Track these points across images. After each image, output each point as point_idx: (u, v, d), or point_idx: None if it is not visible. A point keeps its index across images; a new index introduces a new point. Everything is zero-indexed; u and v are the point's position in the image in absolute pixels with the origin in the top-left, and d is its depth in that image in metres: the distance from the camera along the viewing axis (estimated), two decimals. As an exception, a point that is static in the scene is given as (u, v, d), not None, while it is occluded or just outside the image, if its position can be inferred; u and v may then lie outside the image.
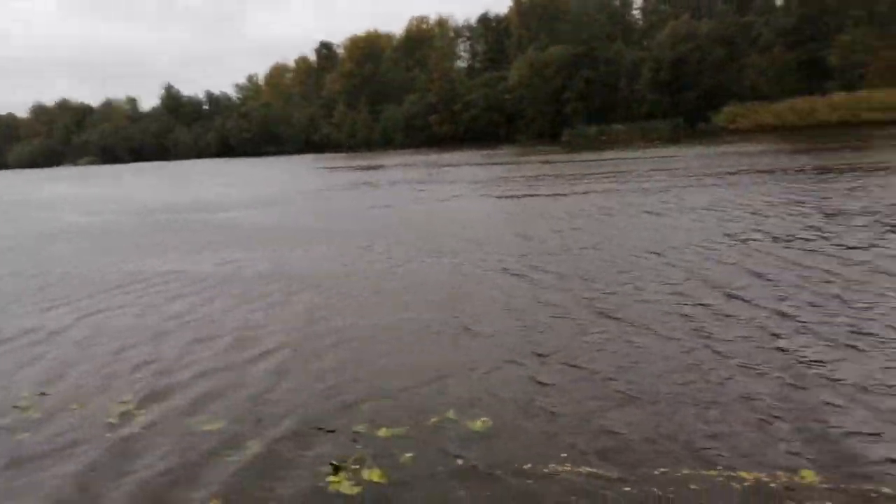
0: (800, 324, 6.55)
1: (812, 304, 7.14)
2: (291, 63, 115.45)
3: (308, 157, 76.41)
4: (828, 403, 4.83)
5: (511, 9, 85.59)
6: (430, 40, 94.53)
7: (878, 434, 4.38)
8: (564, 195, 19.62)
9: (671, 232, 12.20)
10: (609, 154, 40.02)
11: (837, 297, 7.36)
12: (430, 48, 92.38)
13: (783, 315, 6.82)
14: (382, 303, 8.37)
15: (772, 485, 3.87)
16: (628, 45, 72.40)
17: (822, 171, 21.24)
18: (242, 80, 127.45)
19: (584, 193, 19.74)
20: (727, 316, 6.93)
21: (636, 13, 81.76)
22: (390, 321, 7.49)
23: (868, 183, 17.11)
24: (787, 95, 55.12)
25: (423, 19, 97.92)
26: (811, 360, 5.66)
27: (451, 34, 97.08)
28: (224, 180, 41.73)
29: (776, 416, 4.68)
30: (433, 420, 4.89)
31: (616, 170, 28.05)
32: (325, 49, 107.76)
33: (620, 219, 14.23)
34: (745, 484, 3.89)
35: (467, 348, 6.50)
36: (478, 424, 4.80)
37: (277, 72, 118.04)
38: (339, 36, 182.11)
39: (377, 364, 6.20)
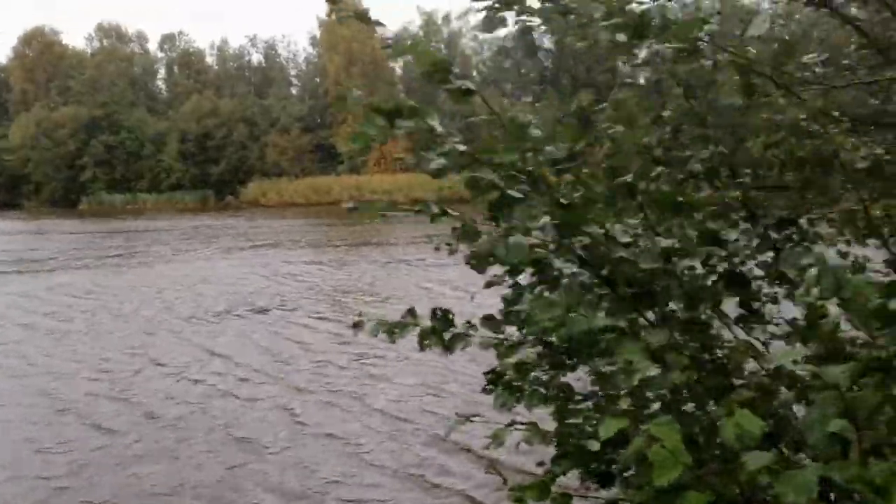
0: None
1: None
2: None
3: None
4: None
5: (12, 60, 75.62)
6: None
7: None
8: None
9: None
10: (121, 225, 38.24)
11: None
12: None
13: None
14: None
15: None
16: (152, 114, 70.67)
17: (316, 245, 24.15)
18: None
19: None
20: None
21: (160, 83, 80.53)
22: None
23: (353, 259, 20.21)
24: (306, 174, 60.89)
25: None
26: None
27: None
28: None
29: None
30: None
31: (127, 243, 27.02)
32: None
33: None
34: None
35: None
36: None
37: None
38: None
39: None
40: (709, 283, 2.18)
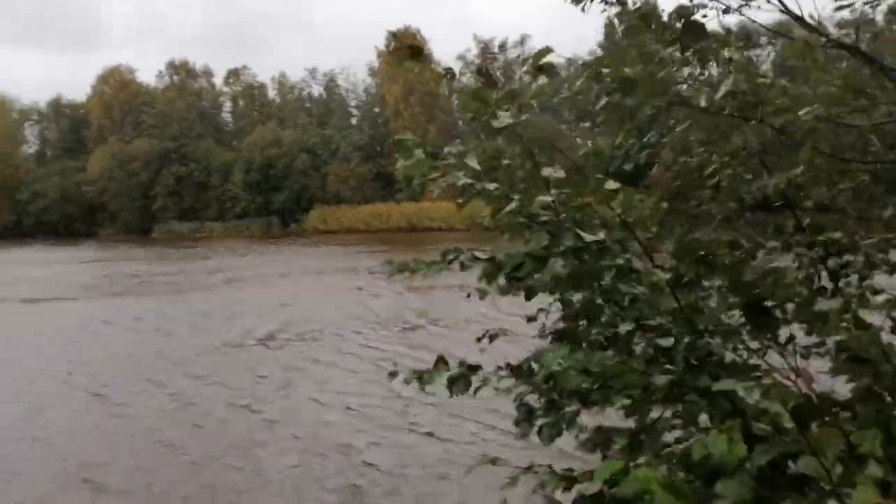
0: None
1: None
2: None
3: None
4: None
5: (90, 97, 79.83)
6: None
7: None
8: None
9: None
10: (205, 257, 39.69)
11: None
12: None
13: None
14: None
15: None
16: (218, 146, 73.46)
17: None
18: None
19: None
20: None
21: (226, 115, 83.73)
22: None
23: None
24: (366, 201, 62.11)
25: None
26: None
27: (16, 115, 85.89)
28: None
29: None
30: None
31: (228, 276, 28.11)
32: None
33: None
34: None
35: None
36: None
37: None
38: None
39: None
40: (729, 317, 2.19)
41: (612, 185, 2.12)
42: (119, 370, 11.17)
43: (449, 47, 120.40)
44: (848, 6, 2.40)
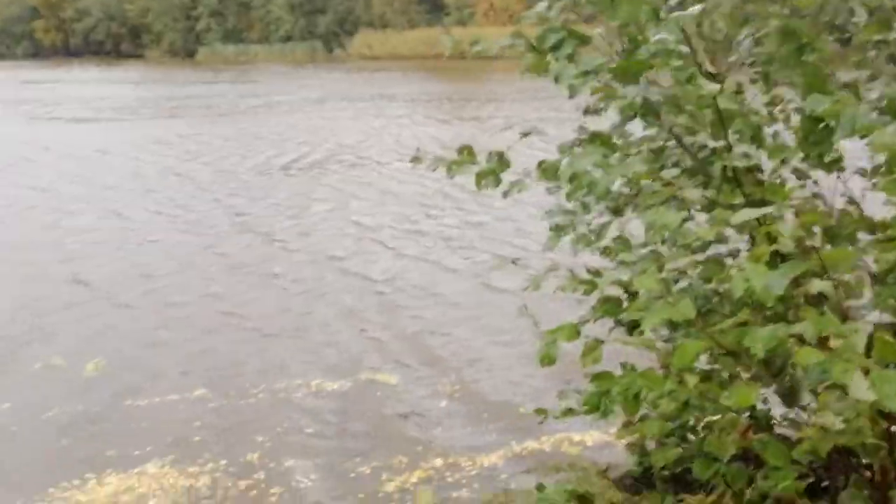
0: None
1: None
2: None
3: None
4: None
5: None
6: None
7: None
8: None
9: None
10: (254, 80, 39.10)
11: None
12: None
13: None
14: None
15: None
16: (261, -37, 70.20)
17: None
18: None
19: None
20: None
21: (268, -70, 79.01)
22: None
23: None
24: (412, 26, 59.35)
25: None
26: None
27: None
28: None
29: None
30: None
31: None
32: None
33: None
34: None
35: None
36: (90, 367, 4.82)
37: None
38: None
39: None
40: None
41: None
42: (140, 190, 11.18)
43: None
44: None
